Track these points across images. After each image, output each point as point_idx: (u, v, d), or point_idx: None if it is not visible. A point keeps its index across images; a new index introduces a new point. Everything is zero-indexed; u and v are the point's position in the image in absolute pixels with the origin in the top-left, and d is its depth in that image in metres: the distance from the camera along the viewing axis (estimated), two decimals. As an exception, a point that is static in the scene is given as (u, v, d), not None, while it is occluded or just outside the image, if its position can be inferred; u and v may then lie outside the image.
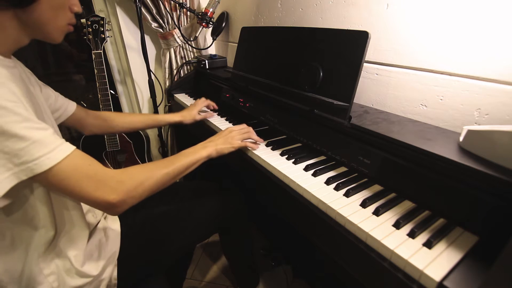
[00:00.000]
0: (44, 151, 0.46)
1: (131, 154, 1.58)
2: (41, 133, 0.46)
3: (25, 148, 0.44)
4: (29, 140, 0.44)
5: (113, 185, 0.53)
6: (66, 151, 0.49)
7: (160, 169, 0.63)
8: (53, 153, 0.47)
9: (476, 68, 0.66)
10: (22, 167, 0.44)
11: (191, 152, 0.72)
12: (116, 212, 0.55)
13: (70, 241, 0.61)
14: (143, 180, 0.58)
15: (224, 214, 0.92)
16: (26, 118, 0.45)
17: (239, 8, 1.43)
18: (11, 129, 0.43)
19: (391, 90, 0.85)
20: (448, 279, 0.41)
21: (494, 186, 0.47)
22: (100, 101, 1.41)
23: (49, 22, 0.54)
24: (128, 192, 0.55)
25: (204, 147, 0.75)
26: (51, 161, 0.46)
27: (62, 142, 0.49)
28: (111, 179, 0.53)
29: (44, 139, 0.46)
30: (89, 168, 0.52)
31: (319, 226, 0.61)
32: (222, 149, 0.78)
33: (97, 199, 0.51)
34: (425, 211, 0.57)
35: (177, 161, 0.67)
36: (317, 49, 0.83)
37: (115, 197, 0.53)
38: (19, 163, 0.44)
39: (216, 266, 1.37)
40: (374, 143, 0.67)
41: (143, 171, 0.60)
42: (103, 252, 0.67)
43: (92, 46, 1.34)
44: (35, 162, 0.45)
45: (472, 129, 0.56)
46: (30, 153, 0.44)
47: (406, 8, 0.76)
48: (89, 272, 0.62)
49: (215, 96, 1.29)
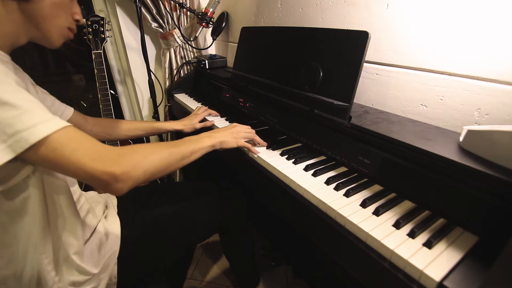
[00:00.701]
0: (37, 120, 0.44)
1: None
2: (33, 105, 0.45)
3: (17, 117, 0.42)
4: (21, 109, 0.42)
5: (114, 157, 0.49)
6: (60, 124, 0.46)
7: (164, 147, 0.60)
8: (46, 123, 0.44)
9: (476, 68, 0.66)
10: (16, 137, 0.42)
11: (196, 139, 0.70)
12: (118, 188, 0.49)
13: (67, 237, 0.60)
14: (146, 154, 0.54)
15: (224, 214, 0.92)
16: (18, 89, 0.44)
17: (239, 8, 1.43)
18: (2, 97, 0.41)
19: (391, 90, 0.85)
20: (448, 279, 0.41)
21: (494, 186, 0.47)
22: (100, 101, 1.41)
23: (50, 18, 0.53)
24: (132, 164, 0.50)
25: (209, 137, 0.73)
26: (45, 130, 0.44)
27: (57, 118, 0.47)
28: (111, 151, 0.49)
29: (36, 110, 0.44)
30: (86, 140, 0.48)
31: (319, 226, 0.61)
32: (226, 142, 0.76)
33: (96, 170, 0.46)
34: (425, 211, 0.57)
35: (182, 144, 0.65)
36: (317, 49, 0.83)
37: (117, 167, 0.48)
38: (12, 133, 0.42)
39: (216, 266, 1.37)
40: (374, 143, 0.67)
41: (146, 146, 0.57)
42: (103, 251, 0.67)
43: (92, 46, 1.34)
44: (29, 131, 0.42)
45: (472, 129, 0.56)
46: (23, 121, 0.42)
47: (406, 8, 0.76)
48: (89, 270, 0.63)
49: (215, 96, 1.29)
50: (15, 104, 0.42)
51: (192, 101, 1.35)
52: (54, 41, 0.57)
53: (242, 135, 0.81)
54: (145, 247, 0.76)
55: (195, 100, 1.36)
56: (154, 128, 1.03)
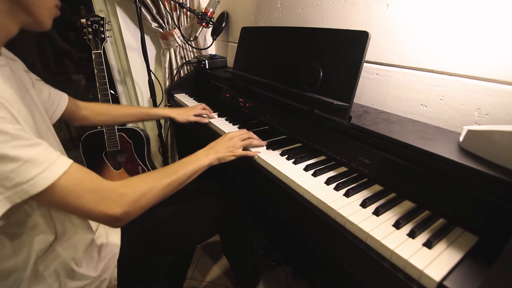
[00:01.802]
0: (38, 170, 0.42)
1: (131, 154, 1.58)
2: (33, 151, 0.43)
3: (16, 170, 0.40)
4: (20, 160, 0.41)
5: (116, 198, 0.52)
6: (62, 167, 0.45)
7: (162, 179, 0.61)
8: (47, 171, 0.43)
9: (476, 68, 0.66)
10: (15, 190, 0.41)
11: (193, 160, 0.71)
12: (118, 225, 0.54)
13: (71, 244, 0.60)
14: (146, 192, 0.57)
15: (225, 214, 0.92)
16: (15, 136, 0.41)
17: (239, 8, 1.43)
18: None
19: (391, 90, 0.85)
20: (448, 279, 0.41)
21: (494, 186, 0.47)
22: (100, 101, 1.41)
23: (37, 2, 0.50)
24: (131, 204, 0.54)
25: (206, 155, 0.74)
26: (47, 180, 0.43)
27: (57, 157, 0.46)
28: (113, 192, 0.52)
29: (37, 157, 0.43)
30: (90, 183, 0.49)
31: (319, 226, 0.61)
32: (224, 157, 0.77)
33: (99, 213, 0.50)
34: (425, 211, 0.57)
35: (179, 170, 0.66)
36: (317, 49, 0.83)
37: (119, 210, 0.51)
38: (11, 186, 0.41)
39: (216, 266, 1.37)
40: (374, 143, 0.67)
41: (146, 182, 0.58)
42: (103, 254, 0.67)
43: (92, 46, 1.34)
44: (30, 183, 0.42)
45: (472, 129, 0.56)
46: (23, 174, 0.41)
47: (406, 8, 0.76)
48: (88, 274, 0.62)
49: (215, 96, 1.29)
50: (14, 157, 0.40)
51: (192, 101, 1.35)
52: (45, 23, 0.54)
53: (239, 145, 0.81)
54: (145, 249, 0.76)
55: (195, 100, 1.36)
56: (147, 114, 1.03)
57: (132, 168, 1.59)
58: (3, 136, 0.40)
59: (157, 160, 1.88)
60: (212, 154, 0.75)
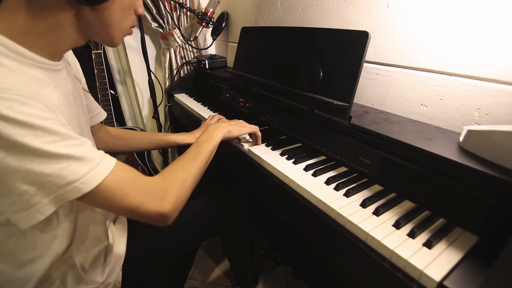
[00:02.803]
0: (89, 167, 0.43)
1: (131, 154, 1.58)
2: (82, 149, 0.43)
3: (68, 167, 0.41)
4: (72, 158, 0.41)
5: (161, 194, 0.51)
6: (110, 165, 0.46)
7: (192, 163, 0.62)
8: (98, 168, 0.44)
9: (476, 68, 0.66)
10: (67, 188, 0.41)
11: (207, 137, 0.70)
12: (169, 221, 0.53)
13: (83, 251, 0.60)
14: (183, 181, 0.57)
15: (225, 214, 0.92)
16: (65, 136, 0.42)
17: (239, 8, 1.43)
18: (50, 149, 0.39)
19: (391, 90, 0.85)
20: (448, 279, 0.41)
21: (494, 186, 0.47)
22: (100, 101, 1.41)
23: (116, 24, 0.50)
24: (177, 197, 0.54)
25: (217, 128, 0.74)
26: (98, 177, 0.43)
27: (103, 154, 0.47)
28: (157, 188, 0.52)
29: (87, 154, 0.43)
30: (134, 180, 0.49)
31: (319, 226, 0.61)
32: (233, 130, 0.78)
33: (148, 212, 0.49)
34: (425, 211, 0.57)
35: (202, 151, 0.66)
36: (317, 49, 0.83)
37: (167, 206, 0.51)
38: (63, 184, 0.41)
39: (216, 266, 1.37)
40: (374, 143, 0.67)
41: (180, 171, 0.59)
42: (109, 258, 0.67)
43: (92, 46, 1.34)
44: (81, 181, 0.42)
45: (472, 129, 0.56)
46: (74, 172, 0.41)
47: (406, 8, 0.76)
48: (95, 279, 0.61)
49: (215, 96, 1.29)
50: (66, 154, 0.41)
51: (192, 101, 1.35)
52: (116, 42, 0.54)
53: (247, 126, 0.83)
54: (148, 251, 0.76)
55: (195, 100, 1.36)
56: (165, 142, 0.95)
57: (132, 168, 1.59)
58: (53, 136, 0.40)
59: (157, 160, 1.88)
60: (222, 127, 0.75)
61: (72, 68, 0.64)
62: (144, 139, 0.94)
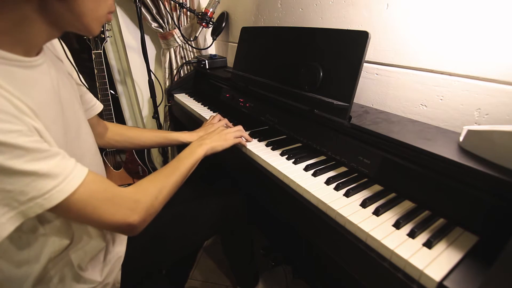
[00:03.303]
0: (54, 183, 0.41)
1: (131, 154, 1.58)
2: (49, 163, 0.41)
3: (31, 183, 0.39)
4: (35, 174, 0.40)
5: (131, 206, 0.52)
6: (79, 179, 0.45)
7: (169, 178, 0.63)
8: (64, 183, 0.42)
9: (476, 68, 0.66)
10: (29, 204, 0.40)
11: (189, 154, 0.73)
12: (136, 232, 0.54)
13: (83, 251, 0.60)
14: (157, 194, 0.58)
15: (225, 214, 0.92)
16: (30, 150, 0.39)
17: (239, 8, 1.43)
18: (13, 166, 0.38)
19: (391, 90, 0.85)
20: (448, 279, 0.41)
21: (494, 186, 0.47)
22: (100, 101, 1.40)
23: (89, 12, 0.47)
24: (147, 210, 0.54)
25: (200, 145, 0.76)
26: (63, 193, 0.42)
27: (73, 168, 0.45)
28: (128, 200, 0.52)
29: (53, 169, 0.42)
30: (105, 193, 0.49)
31: (319, 226, 0.61)
32: (216, 146, 0.79)
33: (117, 223, 0.50)
34: (425, 211, 0.57)
35: (181, 166, 0.68)
36: (317, 49, 0.83)
37: (136, 218, 0.52)
38: (25, 200, 0.40)
39: (216, 266, 1.37)
40: (374, 143, 0.67)
41: (155, 184, 0.59)
42: (108, 258, 0.66)
43: (92, 46, 1.34)
44: (45, 197, 0.40)
45: (472, 129, 0.56)
46: (37, 188, 0.40)
47: (406, 8, 0.76)
48: (94, 278, 0.61)
49: (215, 96, 1.29)
50: (30, 171, 0.39)
51: (192, 101, 1.35)
52: (93, 31, 0.51)
53: (231, 135, 0.84)
54: (148, 251, 0.76)
55: (195, 100, 1.36)
56: (167, 139, 0.93)
57: (132, 168, 1.59)
58: (18, 151, 0.38)
59: (157, 160, 1.88)
60: (206, 144, 0.77)
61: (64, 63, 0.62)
62: (145, 135, 0.92)
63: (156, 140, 0.93)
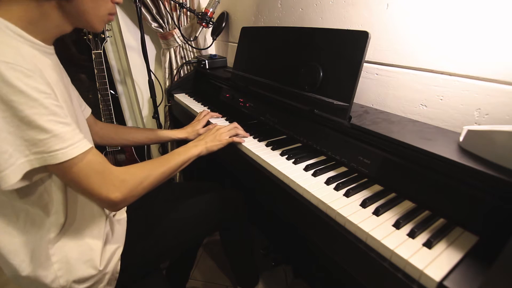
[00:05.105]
0: (62, 146, 0.48)
1: (131, 154, 1.58)
2: (63, 128, 0.49)
3: (45, 140, 0.46)
4: (50, 133, 0.47)
5: (117, 184, 0.56)
6: (82, 149, 0.51)
7: (157, 168, 0.67)
8: (69, 148, 0.49)
9: (476, 68, 0.66)
10: (37, 156, 0.47)
11: (183, 151, 0.77)
12: (116, 208, 0.59)
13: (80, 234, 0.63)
14: (143, 179, 0.62)
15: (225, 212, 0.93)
16: (53, 112, 0.47)
17: (239, 8, 1.43)
18: (37, 121, 0.45)
19: (391, 90, 0.85)
20: (448, 279, 0.41)
21: (494, 186, 0.47)
22: (100, 101, 1.41)
23: (90, 12, 0.57)
24: (130, 191, 0.59)
25: (195, 146, 0.81)
26: (66, 155, 0.49)
27: (81, 139, 0.52)
28: (116, 178, 0.57)
29: (65, 134, 0.49)
30: (99, 165, 0.55)
31: (319, 226, 0.61)
32: (211, 147, 0.83)
33: (100, 195, 0.54)
34: (425, 211, 0.57)
35: (172, 160, 0.72)
36: (317, 49, 0.83)
37: (118, 195, 0.56)
38: (36, 151, 0.47)
39: (216, 266, 1.37)
40: (374, 143, 0.67)
41: (143, 171, 0.64)
42: (107, 246, 0.68)
43: (92, 46, 1.34)
44: (51, 154, 0.47)
45: (472, 129, 0.56)
46: (48, 145, 0.47)
47: (406, 8, 0.76)
48: (94, 265, 0.63)
49: (215, 96, 1.29)
50: (46, 129, 0.46)
51: (192, 101, 1.35)
52: (96, 28, 0.61)
53: (225, 134, 0.87)
54: (147, 244, 0.77)
55: (195, 100, 1.36)
56: (158, 137, 1.03)
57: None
58: (43, 109, 0.46)
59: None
60: (200, 145, 0.82)
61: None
62: (139, 132, 1.02)
63: (149, 137, 1.02)
